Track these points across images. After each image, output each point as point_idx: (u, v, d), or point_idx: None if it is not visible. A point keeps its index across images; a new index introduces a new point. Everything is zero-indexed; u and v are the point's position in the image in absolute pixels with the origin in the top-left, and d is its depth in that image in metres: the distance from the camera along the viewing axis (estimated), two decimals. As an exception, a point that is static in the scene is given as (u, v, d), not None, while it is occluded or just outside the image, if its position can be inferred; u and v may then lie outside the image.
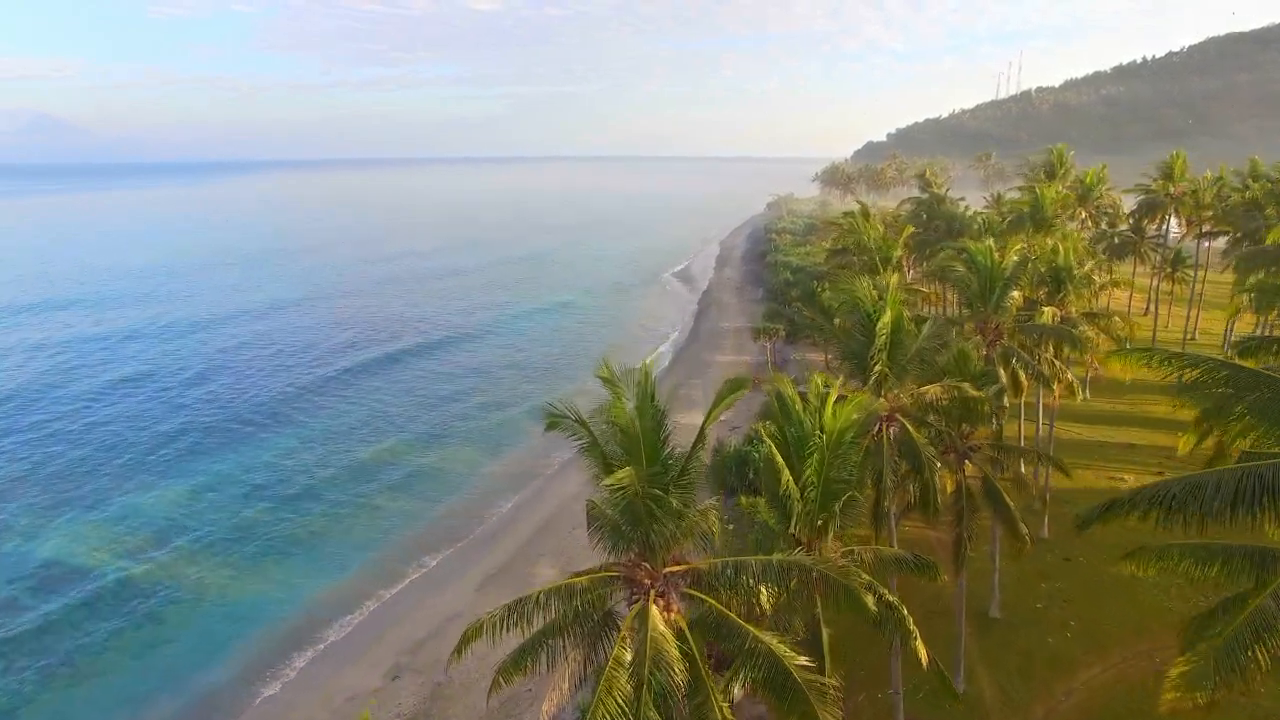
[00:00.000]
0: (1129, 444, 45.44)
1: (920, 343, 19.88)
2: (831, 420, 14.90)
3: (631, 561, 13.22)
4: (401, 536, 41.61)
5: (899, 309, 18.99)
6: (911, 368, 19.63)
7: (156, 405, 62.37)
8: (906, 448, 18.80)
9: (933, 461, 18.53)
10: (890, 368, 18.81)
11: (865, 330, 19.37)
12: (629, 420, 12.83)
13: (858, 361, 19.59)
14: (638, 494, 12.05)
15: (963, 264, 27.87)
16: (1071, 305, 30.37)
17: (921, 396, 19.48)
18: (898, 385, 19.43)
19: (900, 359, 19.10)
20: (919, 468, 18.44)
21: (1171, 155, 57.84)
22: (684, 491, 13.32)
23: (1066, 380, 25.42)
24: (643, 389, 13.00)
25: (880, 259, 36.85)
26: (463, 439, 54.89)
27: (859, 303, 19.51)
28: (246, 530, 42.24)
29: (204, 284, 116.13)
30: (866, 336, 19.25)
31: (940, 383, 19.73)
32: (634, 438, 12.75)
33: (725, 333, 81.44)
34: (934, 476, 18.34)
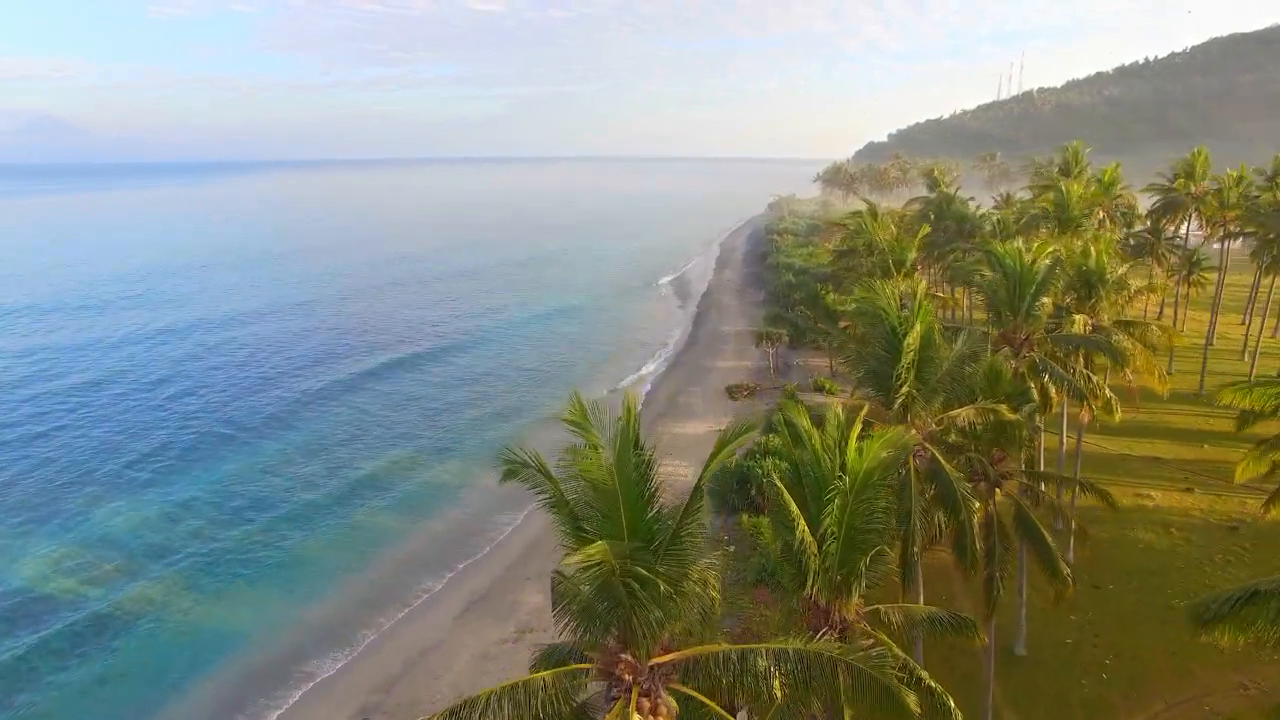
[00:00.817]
0: (1154, 457, 42.95)
1: (952, 360, 17.35)
2: (856, 460, 12.37)
3: (609, 649, 10.66)
4: (385, 558, 39.00)
5: (930, 321, 16.47)
6: (942, 388, 17.11)
7: (137, 414, 59.83)
8: (937, 482, 16.28)
9: (969, 501, 16.00)
10: (918, 389, 16.29)
11: (889, 345, 16.84)
12: (605, 474, 10.30)
13: (879, 381, 17.05)
14: (614, 573, 9.55)
15: (989, 267, 25.36)
16: (1104, 313, 27.85)
17: (952, 421, 16.97)
18: (926, 409, 16.91)
19: (929, 378, 16.59)
20: (953, 507, 15.93)
21: (1192, 153, 55.25)
22: (676, 563, 10.73)
23: (1104, 397, 22.96)
24: (624, 431, 10.50)
25: (894, 261, 34.29)
26: (454, 452, 52.12)
27: (882, 314, 16.94)
28: (219, 551, 39.69)
29: (197, 288, 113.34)
30: (890, 353, 16.73)
31: (973, 405, 17.21)
32: (611, 497, 10.22)
33: (726, 336, 78.87)
34: (971, 518, 15.82)
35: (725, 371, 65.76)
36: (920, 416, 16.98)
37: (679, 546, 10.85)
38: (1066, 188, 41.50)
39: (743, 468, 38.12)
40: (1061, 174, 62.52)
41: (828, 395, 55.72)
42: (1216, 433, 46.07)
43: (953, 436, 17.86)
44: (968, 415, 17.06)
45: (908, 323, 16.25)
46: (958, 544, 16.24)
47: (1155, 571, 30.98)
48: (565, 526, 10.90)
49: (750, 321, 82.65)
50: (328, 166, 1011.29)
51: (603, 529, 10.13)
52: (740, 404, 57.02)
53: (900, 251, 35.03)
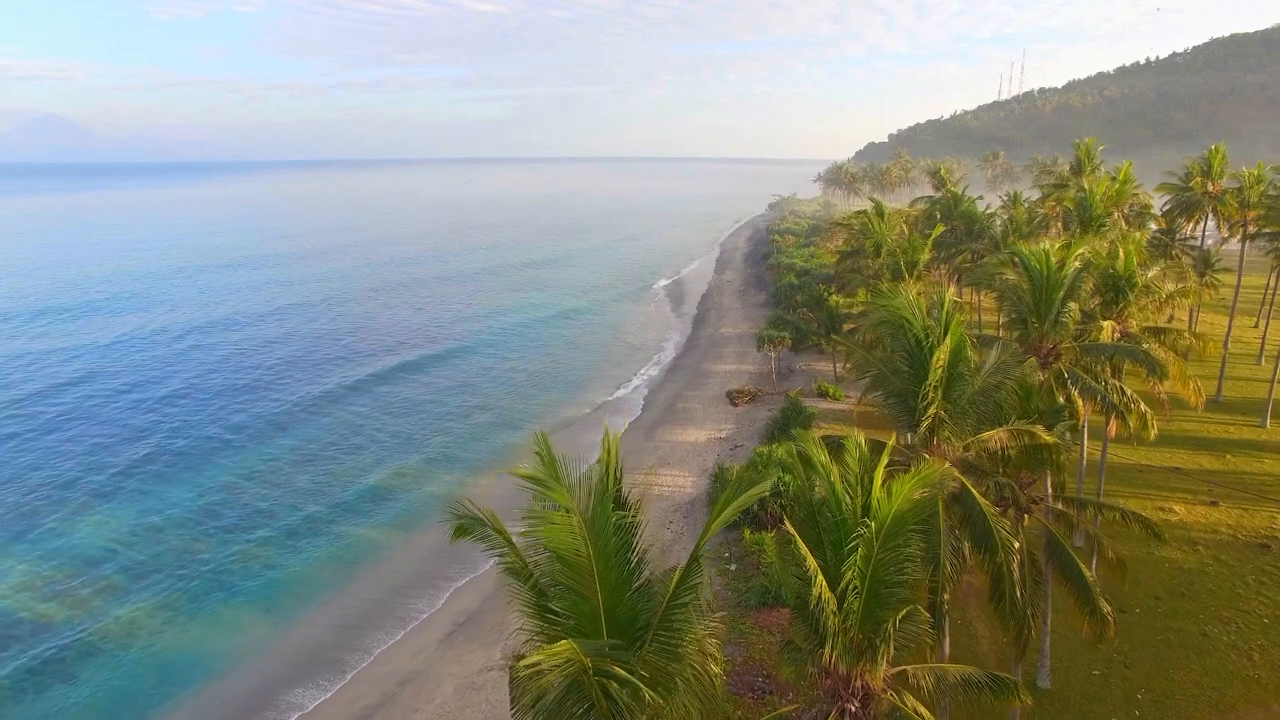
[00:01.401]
0: (1175, 468, 41.01)
1: (985, 377, 15.43)
2: (884, 502, 10.46)
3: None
4: (372, 574, 37.05)
5: (961, 334, 14.55)
6: (973, 409, 15.21)
7: (119, 422, 57.81)
8: (970, 519, 14.35)
9: (1010, 541, 14.07)
10: (947, 410, 14.39)
11: (913, 360, 14.93)
12: (574, 540, 8.37)
13: (900, 400, 15.15)
14: (586, 672, 7.65)
15: (1013, 270, 23.46)
16: (1132, 319, 25.93)
17: (983, 446, 15.06)
18: (955, 432, 15.01)
19: (959, 397, 14.68)
20: (988, 547, 13.99)
21: (1209, 151, 53.29)
22: (667, 651, 8.76)
23: (1140, 412, 21.07)
24: (602, 485, 8.57)
25: (905, 263, 32.33)
26: (447, 460, 50.06)
27: (905, 325, 15.01)
28: (196, 568, 37.72)
29: (192, 290, 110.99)
30: (913, 368, 14.83)
31: (1006, 426, 15.31)
32: (584, 571, 8.31)
33: (726, 339, 76.94)
34: (1011, 562, 13.89)
35: (726, 375, 63.85)
36: (949, 441, 15.08)
37: (670, 629, 8.88)
38: (1089, 185, 39.51)
39: (744, 479, 36.14)
40: (1073, 172, 60.63)
41: (831, 400, 53.86)
42: (1239, 441, 44.23)
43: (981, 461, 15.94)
44: (1000, 438, 15.18)
45: (935, 334, 14.33)
46: (994, 589, 14.30)
47: (1185, 594, 29.06)
48: (527, 604, 8.99)
49: (751, 324, 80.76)
50: (330, 167, 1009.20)
51: (573, 608, 8.24)
52: (741, 410, 55.10)
53: (912, 252, 33.07)
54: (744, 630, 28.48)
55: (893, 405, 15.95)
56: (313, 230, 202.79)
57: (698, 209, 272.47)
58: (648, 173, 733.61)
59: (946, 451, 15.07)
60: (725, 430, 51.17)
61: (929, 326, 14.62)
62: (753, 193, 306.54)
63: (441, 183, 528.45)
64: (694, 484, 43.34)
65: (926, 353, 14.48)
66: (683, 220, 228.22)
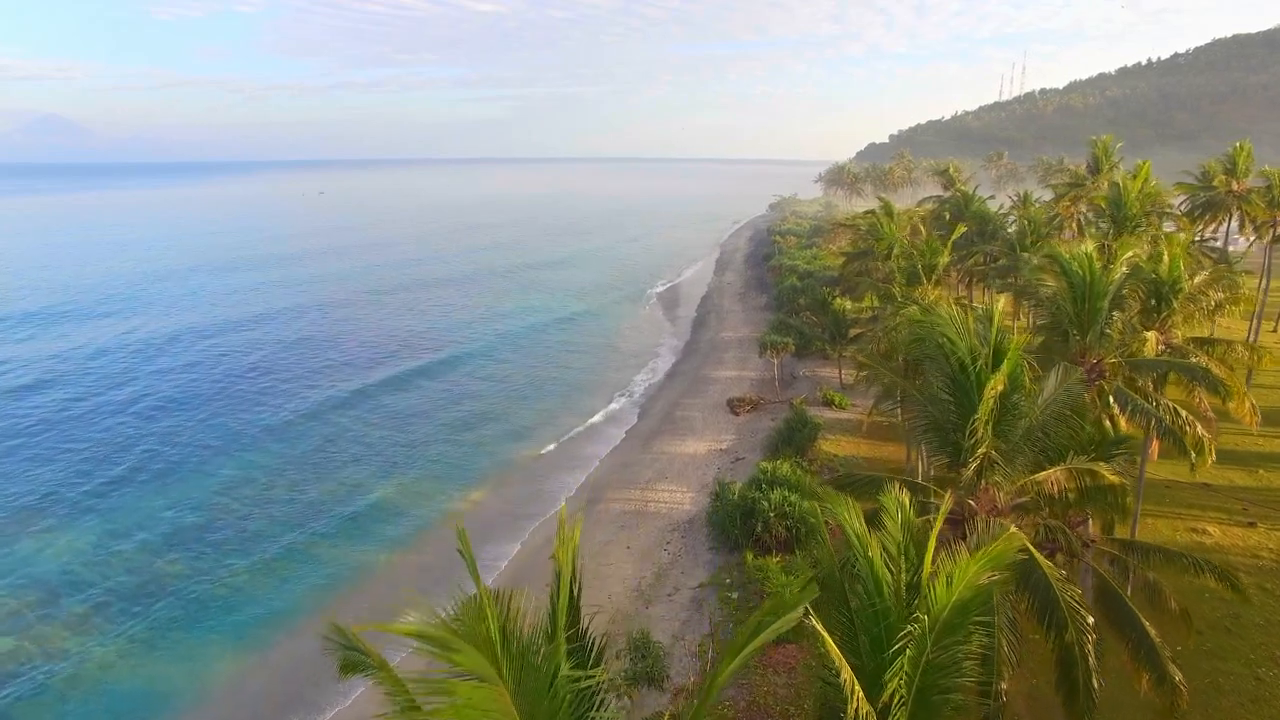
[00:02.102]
0: (1204, 484, 38.49)
1: (1044, 409, 12.99)
2: (943, 592, 8.02)
3: None
4: (346, 602, 34.44)
5: (1018, 360, 12.09)
6: (1028, 446, 12.78)
7: (90, 431, 55.32)
8: (1030, 586, 11.85)
9: (1081, 616, 11.55)
10: (999, 448, 11.96)
11: (957, 389, 12.48)
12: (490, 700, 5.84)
13: (940, 434, 12.70)
14: None
15: (1051, 276, 21.04)
16: (1177, 329, 23.51)
17: (1038, 488, 12.63)
18: (1006, 473, 12.57)
19: (1011, 433, 12.25)
20: (1055, 623, 11.48)
21: (1234, 147, 50.82)
22: None
23: (1195, 435, 18.64)
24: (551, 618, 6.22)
25: (923, 266, 29.89)
26: (437, 475, 46.93)
27: (947, 346, 12.51)
28: (156, 589, 35.25)
29: (185, 292, 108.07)
30: (956, 398, 12.39)
31: (1064, 465, 12.87)
32: None
33: (727, 344, 74.44)
34: (1085, 643, 11.38)
35: (726, 382, 61.36)
36: (1001, 485, 12.64)
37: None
38: (1124, 182, 37.01)
39: (747, 500, 33.71)
40: (1089, 171, 58.21)
41: (837, 410, 51.38)
42: (1271, 455, 41.71)
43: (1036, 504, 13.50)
44: (1058, 479, 12.77)
45: (983, 358, 11.87)
46: (1062, 676, 11.81)
47: (1230, 629, 26.56)
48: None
49: (752, 327, 78.29)
50: (330, 167, 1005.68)
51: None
52: (743, 419, 52.60)
53: (930, 255, 30.63)
54: (748, 670, 25.97)
55: (931, 439, 13.51)
56: (312, 230, 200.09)
57: (698, 209, 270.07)
58: (648, 173, 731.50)
59: (995, 496, 12.66)
60: (726, 441, 48.69)
61: (976, 349, 12.16)
62: (753, 193, 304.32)
63: (442, 183, 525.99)
64: (693, 500, 40.86)
65: (973, 381, 12.04)
66: (683, 220, 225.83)
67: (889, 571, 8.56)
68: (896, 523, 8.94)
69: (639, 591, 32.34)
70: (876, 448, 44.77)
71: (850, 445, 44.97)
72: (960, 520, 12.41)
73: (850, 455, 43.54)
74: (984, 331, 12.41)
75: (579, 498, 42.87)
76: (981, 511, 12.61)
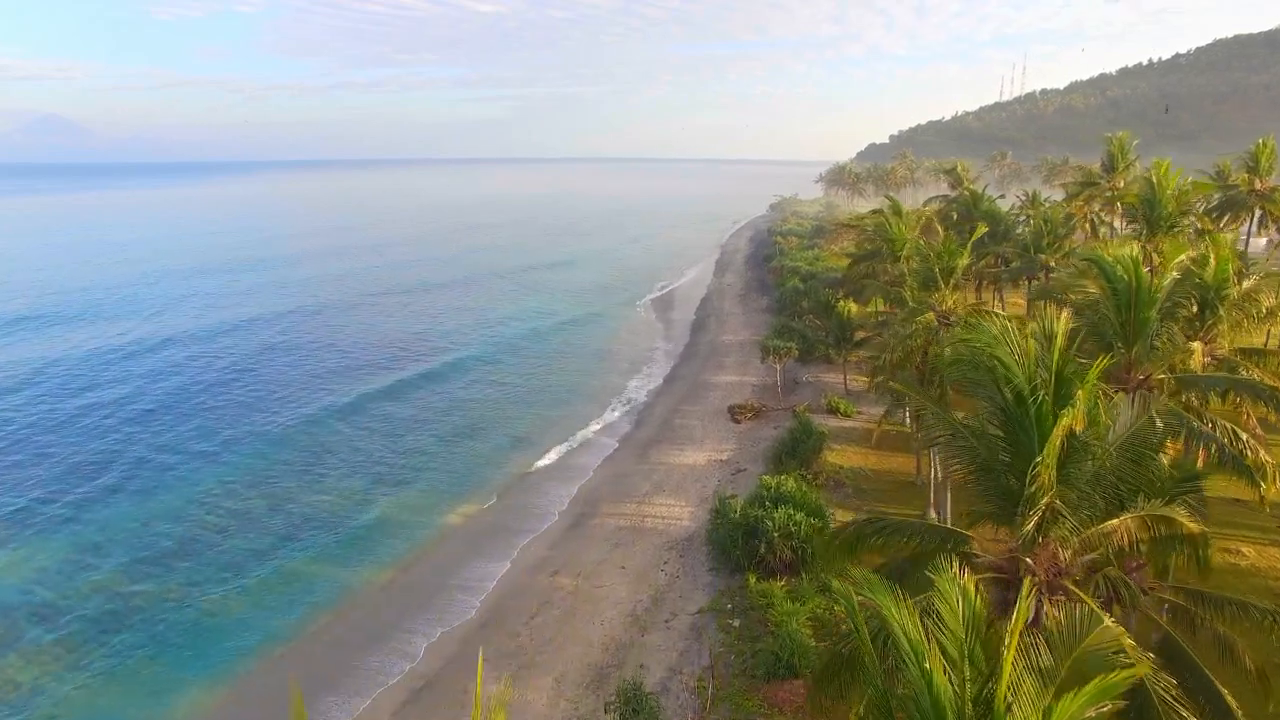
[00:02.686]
0: (1234, 499, 36.27)
1: (1120, 448, 10.87)
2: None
3: None
4: (324, 623, 32.37)
5: (1094, 393, 10.00)
6: (1098, 492, 10.71)
7: (66, 438, 53.23)
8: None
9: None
10: (1064, 497, 9.88)
11: (1011, 423, 10.37)
12: None
13: (988, 476, 10.61)
14: None
15: (1092, 282, 18.96)
16: (1223, 339, 21.45)
17: (1106, 540, 10.56)
18: (1071, 525, 10.48)
19: (1077, 477, 10.18)
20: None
21: (1256, 144, 48.67)
22: None
23: (1258, 460, 16.53)
24: None
25: (940, 270, 27.79)
26: (426, 489, 44.51)
27: (1000, 372, 10.32)
28: (123, 611, 33.16)
29: (180, 294, 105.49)
30: (1011, 434, 10.29)
31: (1135, 512, 10.79)
32: None
33: (727, 347, 72.35)
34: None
35: (727, 388, 59.27)
36: (1066, 539, 10.55)
37: None
38: (1157, 180, 34.82)
39: (750, 518, 31.60)
40: (1104, 169, 56.14)
41: (842, 418, 49.27)
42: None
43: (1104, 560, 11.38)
44: (1128, 528, 10.71)
45: (1045, 386, 9.72)
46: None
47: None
48: None
49: (753, 330, 76.21)
50: (330, 167, 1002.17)
51: None
52: (744, 427, 50.51)
53: (948, 257, 28.51)
54: (750, 709, 23.88)
55: (978, 482, 11.40)
56: (311, 230, 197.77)
57: (698, 209, 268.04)
58: (648, 173, 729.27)
59: (1059, 554, 10.59)
60: (727, 451, 46.59)
61: (1034, 375, 10.02)
62: (753, 193, 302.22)
63: (442, 183, 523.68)
64: (692, 514, 38.76)
65: (1033, 417, 9.92)
66: (682, 220, 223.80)
67: (950, 683, 6.50)
68: (958, 616, 6.88)
69: (634, 617, 30.25)
70: (885, 458, 42.68)
71: (857, 456, 42.88)
72: (1012, 580, 10.39)
73: (858, 467, 41.46)
74: (1043, 354, 10.30)
75: (572, 511, 40.81)
76: (1040, 571, 10.56)
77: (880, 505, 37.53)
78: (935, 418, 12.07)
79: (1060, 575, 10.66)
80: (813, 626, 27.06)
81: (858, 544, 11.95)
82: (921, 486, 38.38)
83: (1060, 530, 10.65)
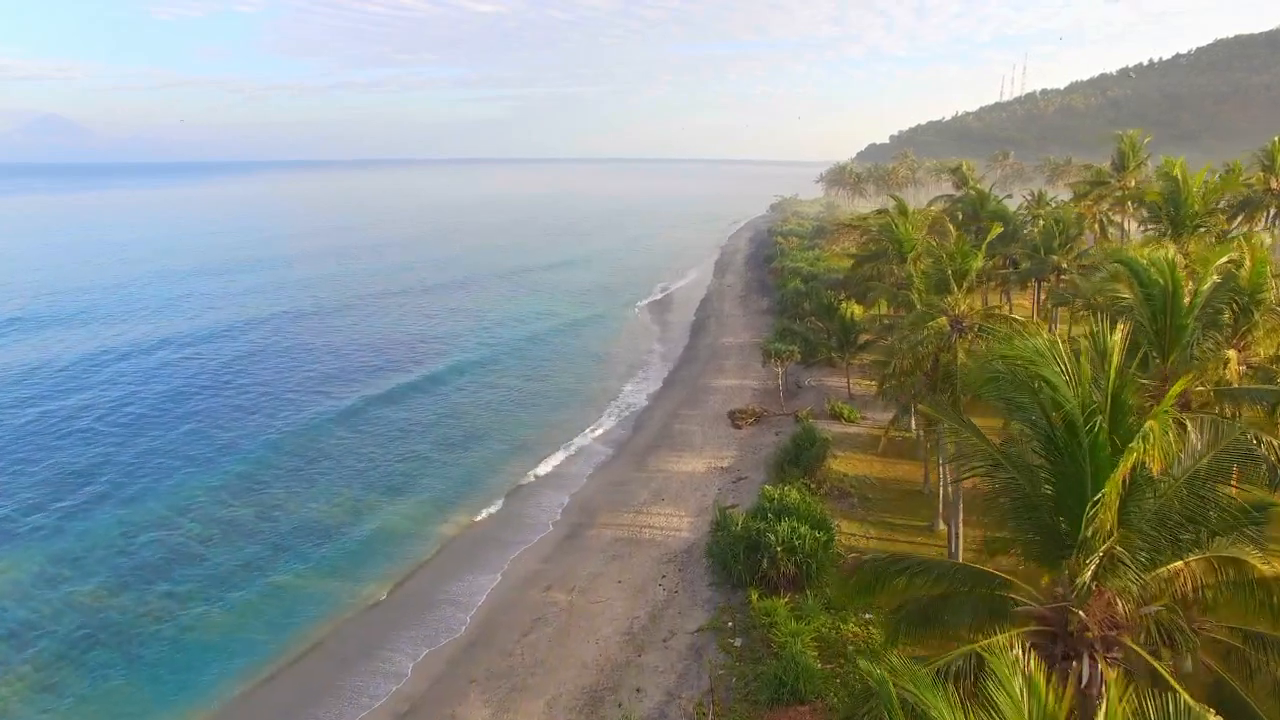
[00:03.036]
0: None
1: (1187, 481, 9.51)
2: None
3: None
4: (307, 641, 30.92)
5: (1167, 424, 8.61)
6: (1164, 533, 9.35)
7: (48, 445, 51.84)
8: None
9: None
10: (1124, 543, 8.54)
11: (1058, 454, 8.95)
12: None
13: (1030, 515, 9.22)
14: None
15: (1126, 286, 17.59)
16: (1259, 346, 20.13)
17: (1168, 587, 9.23)
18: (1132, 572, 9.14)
19: (1139, 518, 8.83)
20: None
21: (1273, 143, 47.30)
22: None
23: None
24: None
25: (954, 273, 26.41)
26: (417, 498, 42.94)
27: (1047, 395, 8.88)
28: (98, 630, 31.77)
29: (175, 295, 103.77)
30: (1057, 465, 8.91)
31: (1200, 553, 9.45)
32: None
33: (727, 350, 71.00)
34: None
35: (727, 392, 57.92)
36: (1125, 589, 9.20)
37: None
38: (1183, 177, 33.33)
39: (751, 531, 30.24)
40: (1114, 168, 54.75)
41: (846, 423, 47.95)
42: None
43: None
44: (1193, 572, 9.37)
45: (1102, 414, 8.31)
46: None
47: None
48: None
49: (754, 332, 74.89)
50: (330, 167, 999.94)
51: None
52: (745, 433, 49.17)
53: (962, 259, 27.14)
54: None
55: (1021, 522, 9.95)
56: (311, 231, 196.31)
57: (697, 209, 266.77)
58: (648, 173, 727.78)
59: (1116, 606, 9.23)
60: (727, 458, 45.23)
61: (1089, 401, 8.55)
62: (753, 193, 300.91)
63: (441, 183, 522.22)
64: (691, 525, 37.40)
65: (1086, 448, 8.49)
66: (682, 220, 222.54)
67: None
68: (1022, 713, 5.50)
69: (630, 635, 28.89)
70: (890, 466, 41.36)
71: (862, 464, 41.53)
72: (1059, 634, 9.06)
73: (863, 475, 40.12)
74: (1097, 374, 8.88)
75: (567, 521, 39.44)
76: (1094, 626, 9.20)
77: (886, 515, 36.24)
78: (972, 446, 10.68)
79: (1117, 629, 9.30)
80: (818, 647, 25.75)
81: (876, 584, 10.62)
82: (929, 496, 37.06)
83: (1120, 580, 9.26)
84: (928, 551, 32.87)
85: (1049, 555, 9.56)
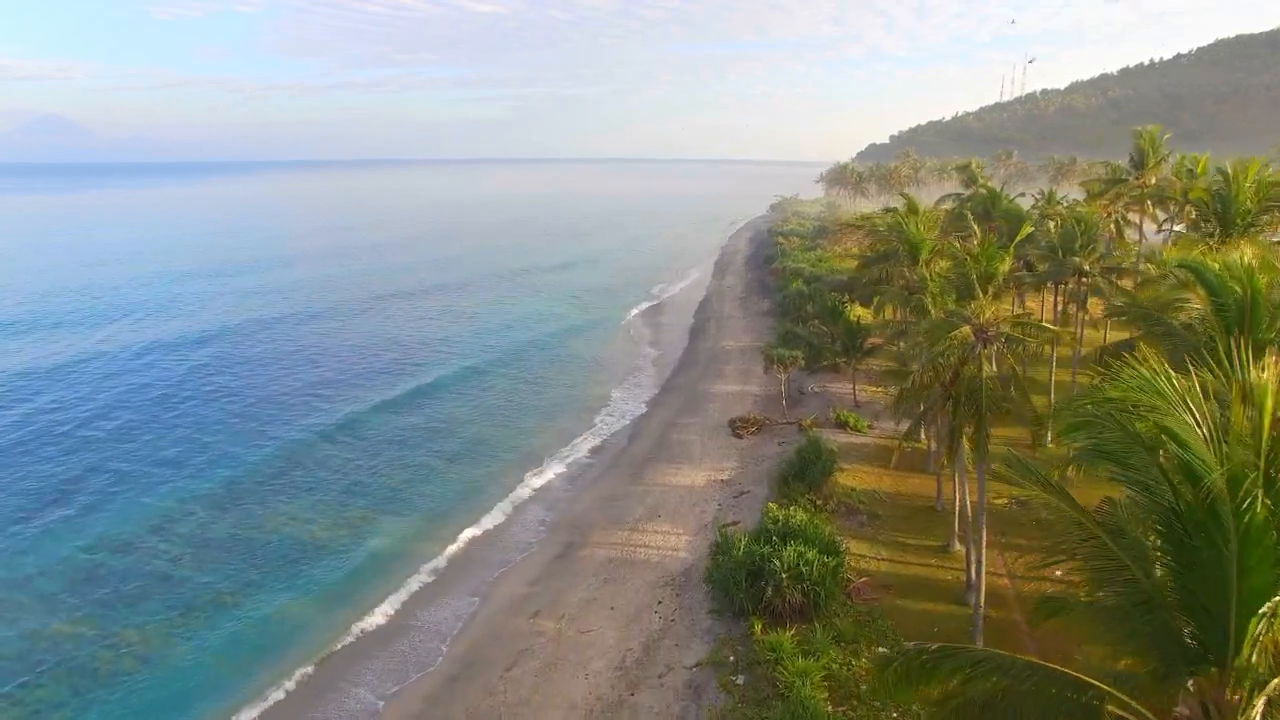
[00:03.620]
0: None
1: None
2: None
3: None
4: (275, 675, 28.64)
5: None
6: None
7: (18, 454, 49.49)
8: None
9: None
10: None
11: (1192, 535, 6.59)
12: None
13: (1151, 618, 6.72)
14: None
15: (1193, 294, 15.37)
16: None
17: None
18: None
19: None
20: None
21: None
22: None
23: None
24: None
25: (979, 277, 24.06)
26: (400, 513, 40.68)
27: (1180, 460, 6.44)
28: (51, 661, 29.50)
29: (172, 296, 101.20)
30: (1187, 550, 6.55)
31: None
32: None
33: (727, 354, 68.70)
34: None
35: (727, 398, 55.63)
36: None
37: None
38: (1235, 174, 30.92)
39: (755, 556, 27.94)
40: (1132, 165, 52.45)
41: (853, 432, 45.66)
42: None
43: None
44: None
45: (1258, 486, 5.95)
46: None
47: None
48: None
49: (754, 335, 72.63)
50: (330, 167, 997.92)
51: None
52: (746, 443, 46.86)
53: (988, 262, 24.80)
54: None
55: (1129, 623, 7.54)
56: (310, 231, 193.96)
57: (697, 209, 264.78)
58: (648, 173, 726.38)
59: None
60: (728, 470, 42.93)
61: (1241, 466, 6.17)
62: (753, 193, 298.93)
63: (441, 183, 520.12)
64: (689, 544, 35.09)
65: (1236, 532, 6.12)
66: (682, 220, 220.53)
67: None
68: None
69: (623, 670, 26.59)
70: (901, 480, 39.07)
71: (871, 477, 39.26)
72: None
73: (872, 489, 37.86)
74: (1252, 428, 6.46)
75: (557, 540, 37.10)
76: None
77: (898, 534, 33.96)
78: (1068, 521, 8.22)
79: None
80: (828, 687, 23.47)
81: (922, 677, 8.32)
82: (943, 513, 34.80)
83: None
84: (943, 575, 30.61)
85: (1167, 667, 7.25)
